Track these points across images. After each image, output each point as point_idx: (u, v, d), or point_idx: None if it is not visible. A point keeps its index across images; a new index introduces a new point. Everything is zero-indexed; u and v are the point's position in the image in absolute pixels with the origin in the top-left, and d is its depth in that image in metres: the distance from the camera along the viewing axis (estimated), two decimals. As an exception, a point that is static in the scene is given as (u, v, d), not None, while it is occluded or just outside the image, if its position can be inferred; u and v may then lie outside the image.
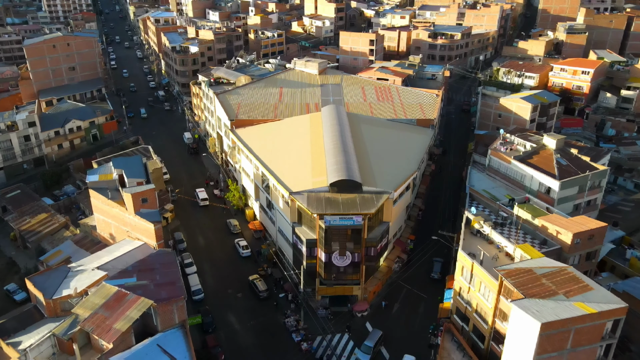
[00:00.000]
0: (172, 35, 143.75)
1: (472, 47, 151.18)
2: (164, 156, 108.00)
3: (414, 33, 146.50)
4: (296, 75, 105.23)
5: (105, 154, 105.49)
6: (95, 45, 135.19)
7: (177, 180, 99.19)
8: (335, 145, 71.37)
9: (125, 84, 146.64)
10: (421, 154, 78.05)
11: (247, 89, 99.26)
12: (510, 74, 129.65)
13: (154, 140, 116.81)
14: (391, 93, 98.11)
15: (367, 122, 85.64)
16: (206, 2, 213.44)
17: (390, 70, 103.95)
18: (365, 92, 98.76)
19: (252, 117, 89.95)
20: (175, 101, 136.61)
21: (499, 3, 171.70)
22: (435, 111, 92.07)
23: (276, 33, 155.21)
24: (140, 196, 63.75)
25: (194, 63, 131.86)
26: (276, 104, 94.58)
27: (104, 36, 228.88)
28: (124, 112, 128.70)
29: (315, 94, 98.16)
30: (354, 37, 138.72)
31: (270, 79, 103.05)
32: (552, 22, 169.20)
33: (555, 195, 68.73)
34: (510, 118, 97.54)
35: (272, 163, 73.37)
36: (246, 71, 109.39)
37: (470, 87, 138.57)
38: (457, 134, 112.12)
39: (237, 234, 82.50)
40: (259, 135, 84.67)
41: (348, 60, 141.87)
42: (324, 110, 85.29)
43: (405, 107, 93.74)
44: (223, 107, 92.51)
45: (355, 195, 63.27)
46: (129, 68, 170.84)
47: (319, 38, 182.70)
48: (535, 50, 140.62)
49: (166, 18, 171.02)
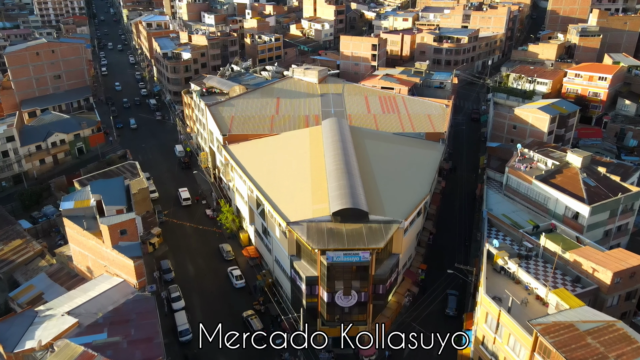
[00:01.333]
0: (164, 40, 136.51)
1: (479, 51, 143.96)
2: (153, 171, 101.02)
3: (418, 37, 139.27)
4: (294, 84, 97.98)
5: (90, 170, 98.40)
6: (82, 51, 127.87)
7: (166, 199, 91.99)
8: (337, 166, 64.13)
9: (118, 98, 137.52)
10: (432, 173, 70.78)
11: (242, 99, 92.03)
12: (521, 80, 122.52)
13: (143, 154, 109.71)
14: (397, 103, 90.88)
15: (372, 137, 78.41)
16: (201, 4, 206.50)
17: (395, 79, 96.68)
18: (368, 102, 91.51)
19: (247, 131, 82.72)
20: (168, 110, 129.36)
21: (506, 4, 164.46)
22: (445, 124, 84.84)
23: (273, 37, 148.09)
24: (118, 228, 56.54)
25: (186, 70, 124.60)
26: (273, 116, 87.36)
27: (97, 40, 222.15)
28: (112, 123, 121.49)
29: (315, 105, 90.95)
30: (355, 41, 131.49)
31: (267, 89, 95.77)
32: (561, 24, 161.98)
33: (585, 221, 61.48)
34: (526, 130, 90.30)
35: (267, 186, 66.10)
36: (241, 80, 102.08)
37: (478, 94, 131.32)
38: (467, 145, 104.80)
39: (231, 260, 75.27)
40: (253, 152, 77.45)
41: (349, 65, 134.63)
42: (325, 124, 78.09)
43: (413, 119, 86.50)
44: (215, 120, 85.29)
45: (361, 226, 56.00)
46: (121, 75, 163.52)
47: (319, 42, 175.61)
48: (547, 54, 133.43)
49: (159, 22, 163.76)
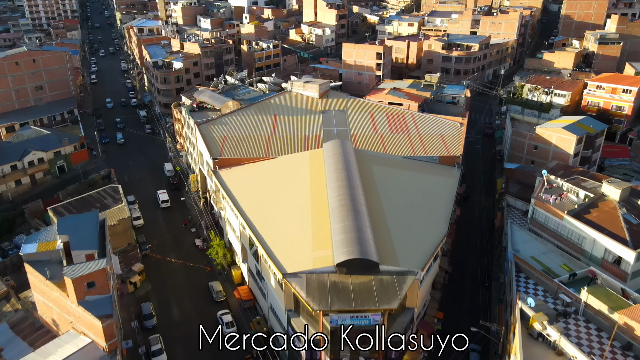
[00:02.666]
0: (154, 48, 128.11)
1: (490, 59, 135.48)
2: (140, 193, 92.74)
3: (425, 44, 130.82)
4: (293, 99, 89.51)
5: (70, 192, 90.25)
6: (66, 60, 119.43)
7: (152, 227, 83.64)
8: (342, 202, 55.71)
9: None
10: (449, 206, 62.29)
11: (235, 117, 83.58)
12: (537, 91, 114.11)
13: (129, 172, 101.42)
14: (406, 122, 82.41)
15: (380, 162, 69.96)
16: (197, 8, 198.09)
17: (404, 93, 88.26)
18: (375, 120, 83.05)
19: (240, 154, 74.31)
20: (158, 123, 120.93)
21: (517, 9, 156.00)
22: (460, 145, 76.35)
23: (272, 44, 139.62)
24: (85, 280, 48.10)
25: (177, 81, 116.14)
26: (269, 136, 78.88)
27: (89, 45, 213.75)
28: (97, 138, 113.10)
29: (315, 123, 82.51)
30: (359, 49, 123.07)
31: (263, 104, 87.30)
32: (575, 29, 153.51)
33: (630, 268, 53.05)
34: (549, 151, 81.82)
35: (262, 224, 57.67)
36: (234, 94, 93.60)
37: (491, 106, 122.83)
38: (482, 164, 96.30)
39: (221, 302, 66.88)
40: (247, 179, 69.04)
41: (352, 75, 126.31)
42: (327, 147, 69.65)
43: (424, 139, 78.01)
44: (205, 141, 76.85)
45: (371, 279, 47.59)
46: (111, 84, 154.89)
47: (319, 48, 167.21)
48: (563, 62, 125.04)
49: (151, 27, 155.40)
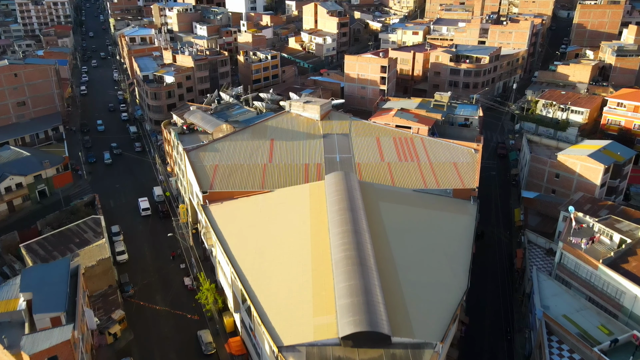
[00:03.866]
0: (145, 60, 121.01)
1: (500, 71, 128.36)
2: (126, 222, 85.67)
3: (432, 55, 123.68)
4: (292, 121, 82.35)
5: (50, 221, 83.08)
6: (51, 74, 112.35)
7: (137, 261, 76.50)
8: (347, 255, 48.56)
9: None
10: (467, 252, 55.14)
11: (228, 142, 76.40)
12: (552, 107, 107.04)
13: (116, 197, 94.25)
14: (415, 148, 75.25)
15: (388, 198, 62.76)
16: (193, 14, 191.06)
17: (412, 115, 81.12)
18: (381, 146, 75.88)
19: (233, 186, 67.20)
20: (149, 140, 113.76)
21: (528, 17, 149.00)
22: (476, 175, 69.21)
23: (270, 55, 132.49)
24: (45, 356, 40.91)
25: (169, 96, 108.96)
26: (265, 165, 71.74)
27: (81, 52, 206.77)
28: (83, 158, 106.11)
29: (316, 149, 75.34)
30: (362, 62, 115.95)
31: (259, 128, 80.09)
32: (589, 39, 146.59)
33: (679, 334, 45.89)
34: (572, 181, 74.65)
35: (255, 278, 50.56)
36: (228, 115, 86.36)
37: (503, 123, 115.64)
38: (496, 189, 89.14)
39: (211, 355, 59.80)
40: (240, 217, 61.92)
41: (354, 89, 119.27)
42: (329, 181, 62.44)
43: (436, 169, 70.84)
44: (194, 171, 69.72)
45: (382, 353, 40.46)
46: (102, 96, 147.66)
47: (320, 57, 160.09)
48: (579, 76, 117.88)
49: (143, 36, 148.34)
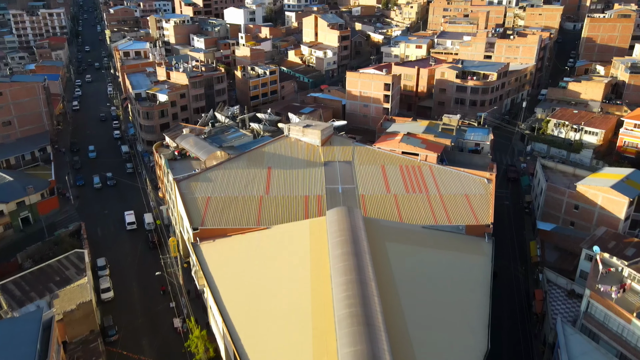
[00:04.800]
0: (138, 77, 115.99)
1: (508, 88, 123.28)
2: (113, 254, 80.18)
3: (437, 72, 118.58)
4: (291, 146, 77.02)
5: (31, 253, 77.91)
6: (39, 92, 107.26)
7: (124, 299, 70.88)
8: (351, 311, 43.06)
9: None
10: (486, 303, 49.60)
11: (222, 170, 71.01)
12: (564, 127, 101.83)
13: (103, 225, 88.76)
14: (424, 177, 69.88)
15: (396, 237, 57.31)
16: (190, 26, 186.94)
17: (420, 140, 75.81)
18: (387, 175, 70.49)
19: (226, 222, 61.75)
20: (141, 161, 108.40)
21: (535, 31, 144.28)
22: (490, 209, 63.80)
23: (268, 70, 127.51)
24: None
25: (162, 115, 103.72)
26: (261, 197, 66.32)
27: (77, 64, 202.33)
28: (71, 180, 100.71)
29: (317, 179, 69.94)
30: (365, 79, 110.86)
31: (255, 155, 74.68)
32: (598, 54, 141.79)
33: None
34: (593, 213, 69.18)
35: (249, 336, 44.98)
36: (223, 139, 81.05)
37: (512, 143, 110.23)
38: (508, 217, 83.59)
39: (201, 412, 54.09)
40: (234, 259, 56.46)
41: (357, 107, 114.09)
42: (331, 218, 56.97)
43: (446, 201, 65.41)
44: (185, 203, 64.32)
45: None
46: (95, 111, 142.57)
47: (320, 71, 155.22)
48: (591, 93, 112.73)
49: (137, 50, 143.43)
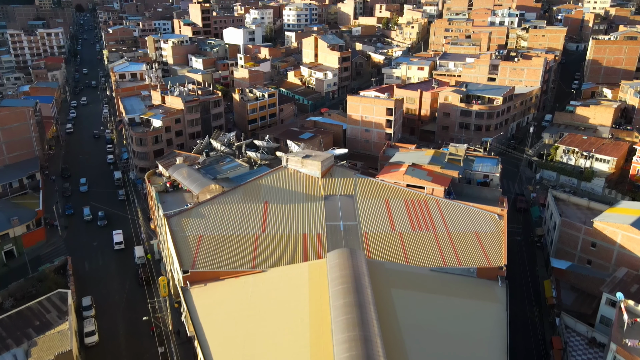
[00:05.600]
0: (132, 101, 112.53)
1: (514, 112, 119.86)
2: (100, 291, 75.59)
3: (441, 95, 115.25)
4: (289, 178, 72.93)
5: (12, 291, 73.89)
6: (29, 117, 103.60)
7: (110, 343, 65.96)
8: (355, 377, 38.33)
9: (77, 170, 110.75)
10: (502, 358, 44.92)
11: (216, 205, 66.75)
12: (574, 154, 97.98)
13: (91, 259, 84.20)
14: (430, 213, 65.62)
15: (402, 283, 52.81)
16: (189, 46, 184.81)
17: (426, 172, 71.71)
18: (391, 211, 66.23)
19: (219, 264, 57.27)
20: (134, 188, 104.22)
21: (540, 53, 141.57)
22: (503, 250, 59.38)
23: (267, 93, 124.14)
24: None
25: (155, 142, 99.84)
26: (257, 235, 61.95)
27: (74, 84, 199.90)
28: (59, 209, 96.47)
29: (317, 215, 65.65)
30: (366, 103, 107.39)
31: (251, 188, 70.52)
32: (605, 76, 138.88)
33: None
34: (612, 252, 64.77)
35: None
36: (217, 170, 76.91)
37: (519, 169, 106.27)
38: (520, 253, 79.01)
39: None
40: (226, 306, 51.91)
41: (358, 132, 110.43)
42: (332, 261, 52.51)
43: (455, 240, 61.03)
44: (175, 243, 59.93)
45: None
46: (89, 134, 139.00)
47: (320, 93, 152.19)
48: (600, 118, 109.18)
49: (133, 72, 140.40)
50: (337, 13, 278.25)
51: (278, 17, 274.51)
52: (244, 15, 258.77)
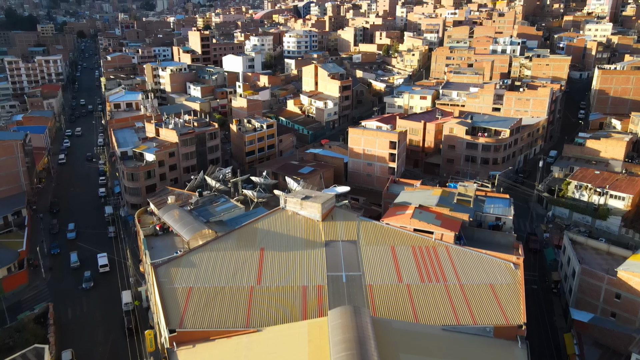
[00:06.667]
0: (126, 133, 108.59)
1: (521, 144, 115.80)
2: (83, 342, 70.09)
3: (445, 127, 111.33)
4: (287, 221, 68.09)
5: (-13, 344, 67.43)
6: (17, 150, 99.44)
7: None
8: None
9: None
10: None
11: (208, 253, 61.70)
12: (586, 190, 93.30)
13: (75, 306, 78.71)
14: (440, 262, 60.57)
15: (412, 347, 47.37)
16: (187, 74, 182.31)
17: (434, 215, 66.92)
18: (398, 259, 61.18)
19: (209, 322, 51.89)
20: (125, 225, 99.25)
21: (545, 83, 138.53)
22: (522, 304, 54.11)
23: (265, 124, 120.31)
24: None
25: (148, 177, 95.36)
26: (252, 288, 56.75)
27: (70, 111, 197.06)
28: (44, 249, 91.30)
29: (317, 264, 60.56)
30: (369, 136, 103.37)
31: (246, 233, 65.56)
32: (612, 106, 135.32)
33: None
34: (639, 305, 59.42)
35: None
36: (211, 212, 72.06)
37: (529, 205, 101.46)
38: (535, 300, 73.45)
39: None
40: (215, 375, 46.40)
41: (360, 165, 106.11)
42: (334, 321, 47.21)
43: (469, 294, 55.81)
44: (162, 297, 54.69)
45: None
46: (81, 167, 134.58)
47: (320, 123, 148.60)
48: (612, 152, 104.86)
49: (129, 102, 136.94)
50: (337, 40, 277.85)
51: (278, 44, 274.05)
52: (243, 42, 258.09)
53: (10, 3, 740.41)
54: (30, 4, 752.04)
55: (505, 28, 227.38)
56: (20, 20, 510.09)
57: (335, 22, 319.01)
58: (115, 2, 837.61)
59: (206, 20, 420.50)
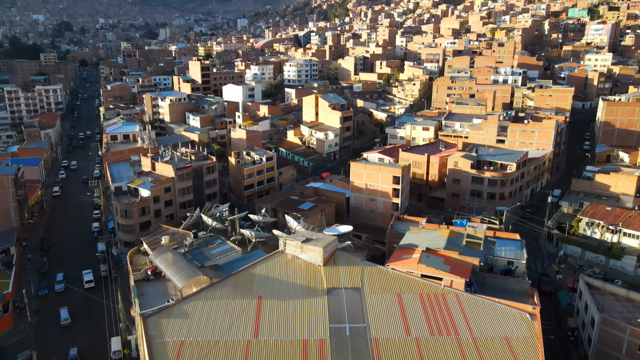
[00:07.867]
0: (121, 167, 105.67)
1: (527, 178, 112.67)
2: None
3: (450, 161, 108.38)
4: (287, 266, 64.29)
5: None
6: (7, 186, 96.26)
7: None
8: None
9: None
10: None
11: (202, 301, 57.64)
12: (598, 228, 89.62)
13: (61, 353, 73.64)
14: (450, 312, 56.48)
15: (424, 414, 42.97)
16: (186, 104, 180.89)
17: (442, 260, 63.10)
18: (405, 309, 57.09)
19: (201, 382, 47.53)
20: (116, 265, 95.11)
21: (549, 114, 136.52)
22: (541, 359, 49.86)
23: (265, 157, 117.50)
24: None
25: (142, 213, 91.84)
26: (248, 342, 52.50)
27: (68, 141, 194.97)
28: (32, 290, 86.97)
29: (319, 314, 56.45)
30: (371, 171, 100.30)
31: (243, 279, 61.65)
32: (618, 138, 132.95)
33: None
34: (666, 360, 55.06)
35: None
36: (206, 255, 68.28)
37: (538, 242, 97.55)
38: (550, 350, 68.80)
39: None
40: None
41: (362, 201, 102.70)
42: (337, 384, 42.92)
43: (483, 349, 51.54)
44: (149, 352, 50.40)
45: None
46: (75, 200, 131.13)
47: (321, 154, 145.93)
48: (622, 187, 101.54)
49: (126, 133, 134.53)
50: (337, 69, 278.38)
51: (278, 72, 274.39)
52: (244, 71, 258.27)
53: (15, 32, 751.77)
54: (34, 32, 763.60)
55: (505, 58, 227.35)
56: (25, 49, 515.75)
57: (335, 51, 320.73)
58: (119, 31, 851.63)
59: (207, 49, 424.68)
